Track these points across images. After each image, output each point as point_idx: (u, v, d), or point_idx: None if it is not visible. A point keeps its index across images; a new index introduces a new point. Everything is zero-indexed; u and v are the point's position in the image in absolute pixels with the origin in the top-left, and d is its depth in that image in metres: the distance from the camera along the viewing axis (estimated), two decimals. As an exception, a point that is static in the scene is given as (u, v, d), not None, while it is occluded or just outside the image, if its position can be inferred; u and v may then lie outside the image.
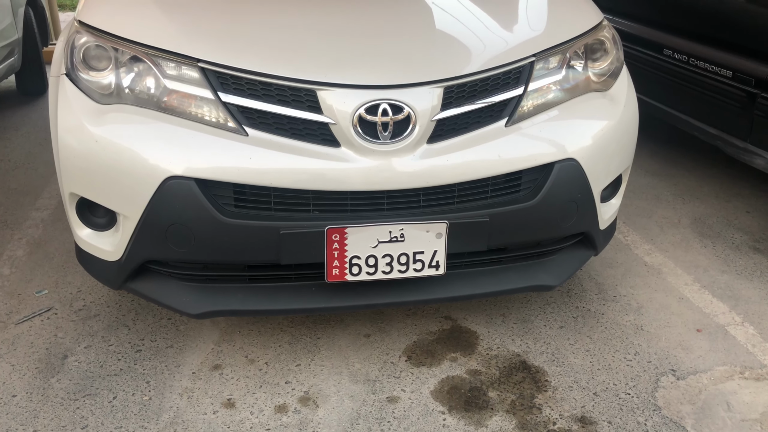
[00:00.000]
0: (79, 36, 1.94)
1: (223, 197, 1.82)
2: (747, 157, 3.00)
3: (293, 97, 1.83)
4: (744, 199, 3.40)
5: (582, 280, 2.65)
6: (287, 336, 2.27)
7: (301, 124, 1.84)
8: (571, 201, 2.00)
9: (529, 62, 2.00)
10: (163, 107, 1.86)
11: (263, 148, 1.81)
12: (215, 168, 1.79)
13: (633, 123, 2.21)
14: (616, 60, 2.21)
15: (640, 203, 3.34)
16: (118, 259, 1.93)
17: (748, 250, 2.92)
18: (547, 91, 2.05)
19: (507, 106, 1.97)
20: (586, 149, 2.01)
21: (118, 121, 1.86)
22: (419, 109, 1.84)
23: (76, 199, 1.94)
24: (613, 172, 2.16)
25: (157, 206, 1.80)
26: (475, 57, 1.97)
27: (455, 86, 1.89)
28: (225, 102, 1.83)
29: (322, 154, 1.83)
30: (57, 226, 2.95)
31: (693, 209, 3.29)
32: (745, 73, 2.97)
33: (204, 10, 2.05)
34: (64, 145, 1.89)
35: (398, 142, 1.84)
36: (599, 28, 2.21)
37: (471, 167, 1.89)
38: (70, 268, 2.62)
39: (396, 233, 1.85)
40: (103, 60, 1.92)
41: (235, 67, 1.82)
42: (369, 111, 1.81)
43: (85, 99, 1.90)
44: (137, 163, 1.80)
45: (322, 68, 1.84)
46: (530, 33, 2.11)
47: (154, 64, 1.87)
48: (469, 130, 1.92)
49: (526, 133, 1.97)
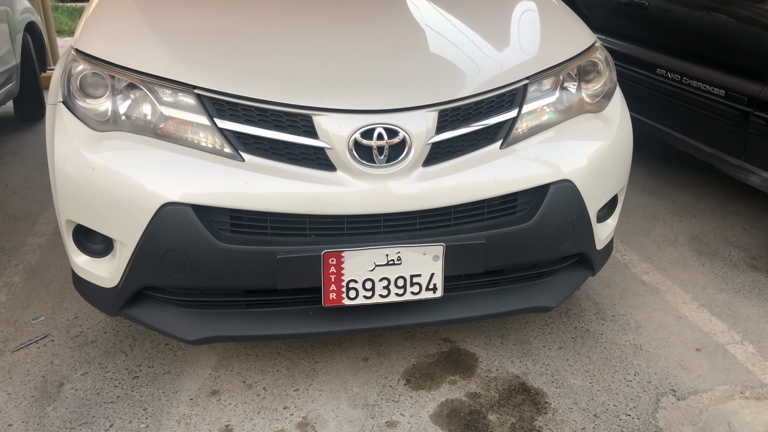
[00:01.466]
0: (76, 64, 1.96)
1: (220, 223, 1.82)
2: (742, 174, 3.01)
3: (289, 123, 1.84)
4: (740, 217, 3.41)
5: (580, 300, 2.64)
6: (285, 360, 2.26)
7: (297, 149, 1.84)
8: (568, 222, 2.00)
9: (523, 85, 2.02)
10: (160, 134, 1.87)
11: (259, 173, 1.82)
12: (212, 194, 1.79)
13: (627, 143, 2.23)
14: (609, 81, 2.23)
15: (637, 221, 3.35)
16: (114, 285, 1.93)
17: (746, 267, 2.93)
18: (541, 113, 2.06)
19: (501, 129, 1.98)
20: (581, 170, 2.02)
21: (114, 148, 1.87)
22: (414, 132, 1.85)
23: (73, 226, 1.94)
24: (608, 192, 2.17)
25: (154, 233, 1.80)
26: (469, 80, 1.98)
27: (450, 110, 1.90)
28: (221, 128, 1.84)
29: (318, 178, 1.83)
30: (54, 252, 2.94)
31: (690, 227, 3.30)
32: (737, 92, 2.99)
33: (199, 36, 2.07)
34: (60, 172, 1.89)
35: (394, 166, 1.85)
36: (592, 50, 2.23)
37: (467, 190, 1.90)
38: (67, 294, 2.61)
39: (393, 256, 1.85)
40: (99, 87, 1.93)
41: (231, 94, 1.83)
42: (364, 135, 1.82)
43: (82, 126, 1.91)
44: (134, 189, 1.81)
45: (318, 93, 1.85)
46: (523, 56, 2.13)
47: (151, 91, 1.88)
48: (464, 152, 1.93)
49: (521, 155, 1.98)
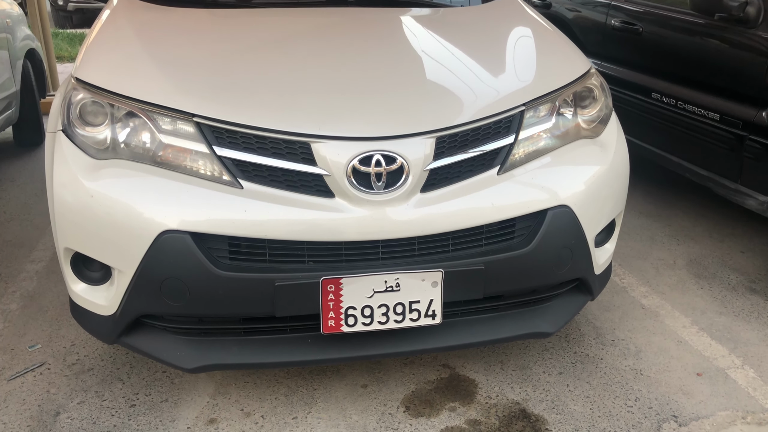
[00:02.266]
0: (76, 93, 1.97)
1: (218, 250, 1.82)
2: (739, 198, 3.02)
3: (288, 150, 1.85)
4: (738, 239, 3.41)
5: (580, 325, 2.63)
6: (283, 388, 2.24)
7: (296, 176, 1.85)
8: (566, 247, 2.01)
9: (519, 111, 2.03)
10: (158, 161, 1.88)
11: (258, 200, 1.82)
12: (210, 221, 1.80)
13: (624, 168, 2.24)
14: (605, 107, 2.25)
15: (635, 245, 3.35)
16: (112, 313, 1.92)
17: (745, 290, 2.92)
18: (537, 139, 2.08)
19: (498, 155, 1.99)
20: (578, 195, 2.03)
21: (113, 176, 1.87)
22: (412, 159, 1.86)
23: (71, 254, 1.94)
24: (606, 217, 2.17)
25: (153, 260, 1.80)
26: (466, 107, 2.00)
27: (447, 136, 1.92)
28: (220, 156, 1.84)
29: (316, 205, 1.84)
30: (51, 278, 2.93)
31: (688, 250, 3.30)
32: (732, 116, 3.02)
33: (198, 65, 2.08)
34: (59, 200, 1.89)
35: (392, 192, 1.85)
36: (587, 76, 2.26)
37: (464, 215, 1.90)
38: (64, 321, 2.60)
39: (391, 283, 1.84)
40: (99, 116, 1.94)
41: (230, 122, 1.85)
42: (363, 162, 1.83)
43: (81, 154, 1.91)
44: (132, 217, 1.81)
45: (316, 121, 1.86)
46: (519, 82, 2.15)
47: (150, 119, 1.90)
48: (461, 178, 1.94)
49: (518, 180, 1.99)
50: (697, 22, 3.27)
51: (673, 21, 3.46)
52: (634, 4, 3.81)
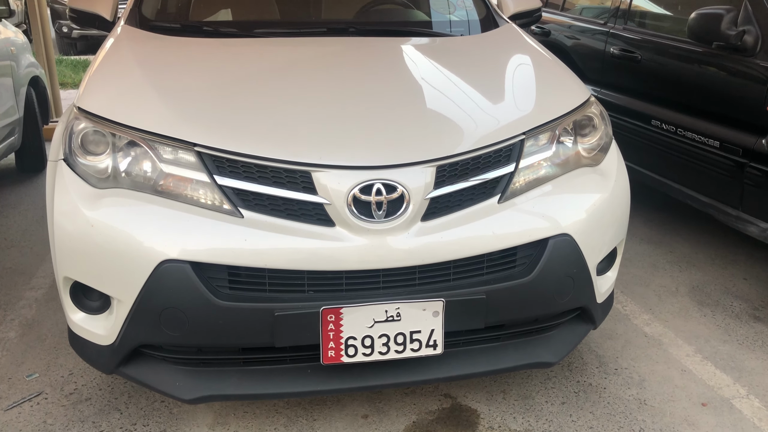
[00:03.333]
0: (78, 122, 1.98)
1: (218, 279, 1.81)
2: (740, 225, 3.02)
3: (288, 179, 1.85)
4: (740, 266, 3.40)
5: (582, 353, 2.61)
6: (283, 418, 2.22)
7: (296, 205, 1.85)
8: (567, 276, 2.00)
9: (520, 140, 2.04)
10: (159, 190, 1.88)
11: (258, 229, 1.82)
12: (210, 250, 1.79)
13: (625, 196, 2.24)
14: (605, 135, 2.25)
15: (637, 271, 3.33)
16: (111, 343, 1.91)
17: (748, 318, 2.90)
18: (538, 168, 2.08)
19: (499, 183, 1.99)
20: (579, 224, 2.02)
21: (114, 205, 1.87)
22: (412, 188, 1.86)
23: (71, 283, 1.93)
24: (607, 245, 2.17)
25: (152, 290, 1.79)
26: (467, 136, 2.00)
27: (447, 165, 1.92)
28: (221, 185, 1.85)
29: (317, 234, 1.83)
30: (50, 306, 2.92)
31: (690, 277, 3.29)
32: (732, 143, 3.02)
33: (200, 94, 2.10)
34: (59, 229, 1.89)
35: (392, 221, 1.85)
36: (587, 105, 2.27)
37: (465, 244, 1.90)
38: (62, 350, 2.58)
39: (392, 312, 1.83)
40: (100, 145, 1.95)
41: (231, 151, 1.85)
42: (363, 191, 1.83)
43: (82, 183, 1.92)
44: (132, 246, 1.80)
45: (317, 150, 1.87)
46: (519, 111, 2.16)
47: (151, 148, 1.90)
48: (462, 207, 1.93)
49: (519, 209, 1.98)
50: (695, 51, 3.29)
51: (672, 49, 3.49)
52: (633, 32, 3.84)
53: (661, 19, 3.88)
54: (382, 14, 3.18)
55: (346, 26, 2.84)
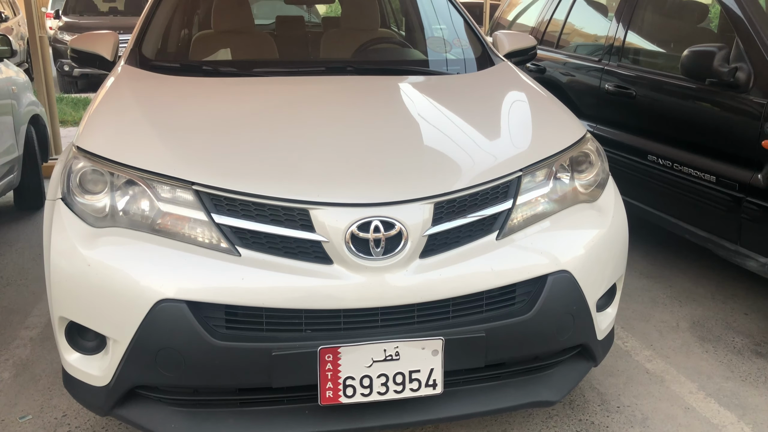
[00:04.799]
0: (77, 161, 1.99)
1: (215, 319, 1.80)
2: (739, 259, 3.01)
3: (286, 217, 1.85)
4: (741, 301, 3.38)
5: (584, 390, 2.58)
6: (280, 460, 2.17)
7: (294, 243, 1.84)
8: (567, 313, 1.98)
9: (517, 176, 2.05)
10: (157, 229, 1.88)
11: (256, 268, 1.81)
12: (207, 289, 1.78)
13: (623, 232, 2.24)
14: (601, 171, 2.26)
15: (637, 306, 3.31)
16: (106, 384, 1.88)
17: (751, 354, 2.88)
18: (535, 204, 2.08)
19: (497, 220, 1.99)
20: (578, 260, 2.02)
21: (110, 244, 1.87)
22: (411, 224, 1.86)
23: (66, 323, 1.91)
24: (607, 281, 2.16)
25: (148, 330, 1.77)
26: (464, 173, 2.01)
27: (445, 202, 1.92)
28: (218, 223, 1.84)
29: (314, 272, 1.83)
30: (45, 345, 2.89)
31: (690, 312, 3.27)
32: (728, 178, 3.04)
33: (198, 133, 2.11)
34: (56, 268, 1.88)
35: (391, 258, 1.84)
36: (583, 141, 2.28)
37: (464, 281, 1.89)
38: (56, 391, 2.54)
39: (391, 351, 1.81)
40: (99, 184, 1.95)
41: (230, 189, 1.85)
42: (361, 228, 1.83)
43: (79, 222, 1.91)
44: (129, 286, 1.79)
45: (315, 188, 1.87)
46: (516, 148, 2.17)
47: (149, 187, 1.90)
48: (460, 244, 1.93)
49: (517, 245, 1.98)
50: (689, 87, 3.33)
51: (666, 85, 3.53)
52: (627, 69, 3.89)
53: (654, 56, 3.94)
54: (380, 53, 3.22)
55: (344, 65, 2.88)
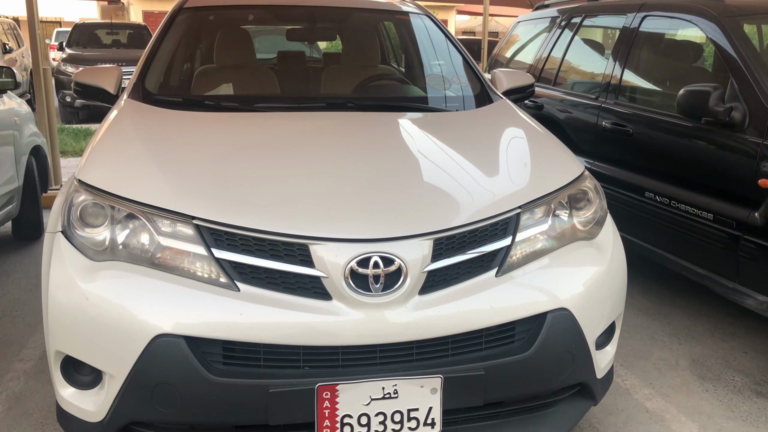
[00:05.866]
0: (78, 195, 1.99)
1: (212, 354, 1.79)
2: (737, 297, 3.01)
3: (286, 252, 1.85)
4: (740, 339, 3.37)
5: (583, 429, 2.55)
6: (275, 499, 2.13)
7: (293, 278, 1.84)
8: (567, 351, 1.97)
9: (516, 213, 2.06)
10: (156, 263, 1.87)
11: (254, 303, 1.80)
12: (205, 324, 1.77)
13: (622, 269, 2.24)
14: (600, 209, 2.28)
15: (636, 344, 3.30)
16: (100, 420, 1.86)
17: (751, 393, 2.85)
18: (534, 241, 2.09)
19: (496, 257, 1.99)
20: (577, 298, 2.02)
21: (109, 278, 1.86)
22: (410, 260, 1.86)
23: (62, 357, 1.90)
24: (606, 319, 2.15)
25: (145, 365, 1.76)
26: (463, 209, 2.02)
27: (445, 238, 1.93)
28: (218, 258, 1.84)
29: (313, 308, 1.82)
30: (39, 378, 2.85)
31: (690, 350, 3.25)
32: (725, 216, 3.05)
33: (199, 167, 2.12)
34: (54, 301, 1.87)
35: (390, 294, 1.84)
36: (581, 179, 2.30)
37: (464, 319, 1.88)
38: (49, 426, 2.51)
39: (389, 389, 1.80)
40: (99, 217, 1.96)
41: (230, 224, 1.86)
42: (360, 264, 1.83)
43: (79, 256, 1.91)
44: (126, 320, 1.78)
45: (315, 223, 1.88)
46: (515, 185, 2.19)
47: (150, 221, 1.91)
48: (459, 280, 1.93)
49: (516, 282, 1.98)
50: (685, 125, 3.37)
51: (662, 123, 3.57)
52: (623, 107, 3.94)
53: (650, 94, 3.99)
54: (380, 90, 3.27)
55: (345, 101, 2.91)
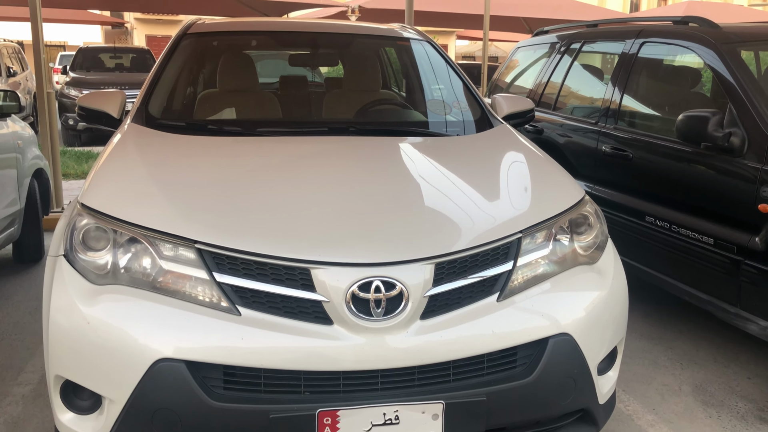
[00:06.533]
0: (80, 218, 2.00)
1: (213, 379, 1.78)
2: (740, 322, 3.00)
3: (287, 276, 1.85)
4: (743, 364, 3.35)
5: (586, 457, 2.52)
6: None
7: (295, 303, 1.84)
8: (568, 377, 1.96)
9: (517, 238, 2.06)
10: (157, 287, 1.88)
11: (256, 327, 1.80)
12: (206, 349, 1.77)
13: (623, 294, 2.24)
14: (600, 233, 2.28)
15: (638, 369, 3.28)
16: (99, 445, 1.84)
17: (755, 420, 2.83)
18: (536, 266, 2.09)
19: (498, 281, 2.00)
20: (578, 322, 2.01)
21: (110, 302, 1.86)
22: (411, 285, 1.86)
23: (62, 381, 1.89)
24: (608, 344, 2.15)
25: (145, 389, 1.75)
26: (464, 233, 2.03)
27: (446, 262, 1.93)
28: (219, 282, 1.84)
29: (314, 332, 1.82)
30: (38, 403, 2.83)
31: (692, 375, 3.23)
32: (726, 241, 3.05)
33: (202, 191, 2.13)
34: (54, 325, 1.87)
35: (391, 319, 1.84)
36: (582, 204, 2.31)
37: (465, 343, 1.88)
38: (46, 451, 2.48)
39: (390, 415, 1.78)
40: (101, 241, 1.96)
41: (232, 248, 1.86)
42: (362, 288, 1.83)
43: (81, 279, 1.91)
44: (127, 344, 1.78)
45: (316, 247, 1.88)
46: (516, 210, 2.19)
47: (152, 245, 1.91)
48: (461, 305, 1.93)
49: (518, 307, 1.98)
50: (684, 150, 3.38)
51: (662, 148, 3.58)
52: (623, 132, 3.96)
53: (649, 119, 4.02)
54: (381, 114, 3.29)
55: (346, 126, 2.94)
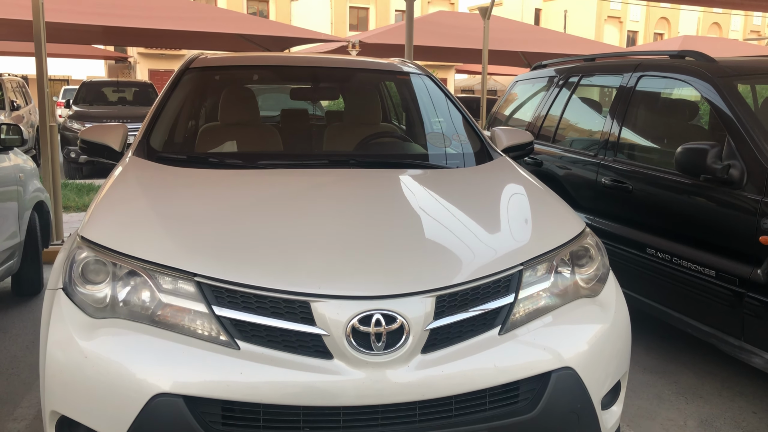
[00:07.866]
0: (80, 251, 2.00)
1: (211, 414, 1.75)
2: (744, 356, 2.97)
3: (287, 309, 1.84)
4: (748, 399, 3.30)
5: (591, 494, 2.47)
6: None
7: (294, 336, 1.83)
8: (572, 412, 1.94)
9: (518, 270, 2.05)
10: (156, 321, 1.86)
11: (255, 362, 1.78)
12: (205, 384, 1.75)
13: (626, 327, 2.22)
14: (602, 266, 2.27)
15: (642, 403, 3.23)
16: (94, 483, 1.81)
17: (762, 456, 2.78)
18: (537, 298, 2.08)
19: (499, 314, 1.98)
20: (581, 356, 1.99)
21: (108, 335, 1.85)
22: (412, 318, 1.85)
23: (57, 417, 1.86)
24: (611, 378, 2.12)
25: (143, 425, 1.73)
26: (465, 266, 2.02)
27: (447, 295, 1.92)
28: (219, 315, 1.83)
29: (314, 367, 1.80)
30: (32, 439, 2.79)
31: (698, 410, 3.18)
32: (728, 273, 3.04)
33: (201, 224, 2.13)
34: (51, 360, 1.85)
35: (392, 353, 1.82)
36: (583, 236, 2.30)
37: (467, 378, 1.86)
38: (40, 489, 2.43)
39: (391, 452, 1.75)
40: (100, 274, 1.95)
41: (231, 281, 1.85)
42: (362, 321, 1.82)
43: (79, 313, 1.90)
44: (125, 379, 1.76)
45: (316, 280, 1.87)
46: (517, 242, 2.19)
47: (151, 278, 1.90)
48: (462, 339, 1.91)
49: (520, 341, 1.96)
50: (684, 182, 3.39)
51: (662, 180, 3.59)
52: (622, 164, 3.98)
53: (648, 151, 4.04)
54: (381, 147, 3.31)
55: (347, 158, 2.95)
